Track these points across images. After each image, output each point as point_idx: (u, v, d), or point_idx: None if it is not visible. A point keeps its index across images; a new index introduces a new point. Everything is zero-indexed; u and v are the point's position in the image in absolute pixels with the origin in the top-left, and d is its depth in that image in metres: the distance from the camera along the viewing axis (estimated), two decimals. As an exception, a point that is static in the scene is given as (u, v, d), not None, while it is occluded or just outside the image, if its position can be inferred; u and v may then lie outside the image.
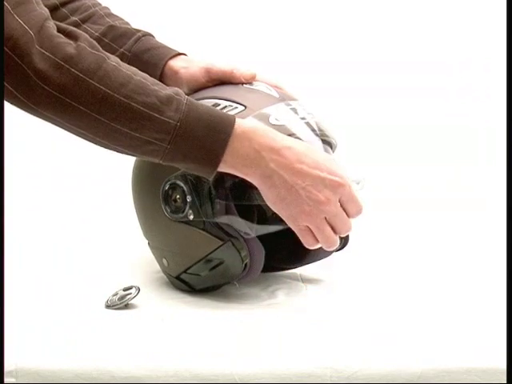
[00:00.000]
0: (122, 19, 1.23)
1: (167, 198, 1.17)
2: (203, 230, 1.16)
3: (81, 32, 1.00)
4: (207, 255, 1.17)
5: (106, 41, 1.19)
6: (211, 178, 1.06)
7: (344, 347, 1.02)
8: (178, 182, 1.16)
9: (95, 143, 1.02)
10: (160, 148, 1.01)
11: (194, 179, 1.15)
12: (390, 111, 1.92)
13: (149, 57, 1.19)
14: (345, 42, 1.93)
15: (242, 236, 1.16)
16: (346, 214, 1.06)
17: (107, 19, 1.21)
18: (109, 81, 0.98)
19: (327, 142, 1.20)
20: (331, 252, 1.26)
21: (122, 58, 1.17)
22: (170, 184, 1.17)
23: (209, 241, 1.16)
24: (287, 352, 1.01)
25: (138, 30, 1.21)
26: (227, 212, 1.17)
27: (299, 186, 1.03)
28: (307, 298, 1.22)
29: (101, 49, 1.00)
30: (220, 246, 1.16)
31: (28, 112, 0.99)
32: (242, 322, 1.11)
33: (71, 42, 0.97)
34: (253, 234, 1.16)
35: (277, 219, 1.13)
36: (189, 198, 1.15)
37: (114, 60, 1.00)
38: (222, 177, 1.12)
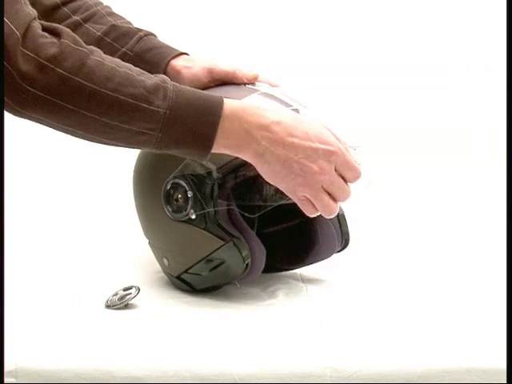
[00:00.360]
0: (123, 18, 1.23)
1: (169, 198, 1.18)
2: (204, 229, 1.16)
3: (63, 28, 0.98)
4: (208, 255, 1.17)
5: (108, 40, 1.18)
6: (205, 161, 1.06)
7: (344, 347, 1.02)
8: (180, 182, 1.16)
9: (85, 139, 1.02)
10: (152, 137, 1.00)
11: (195, 178, 1.15)
12: (390, 111, 1.92)
13: (151, 56, 1.18)
14: (345, 42, 1.93)
15: (243, 235, 1.16)
16: (344, 180, 1.06)
17: (109, 18, 1.21)
18: (94, 76, 0.97)
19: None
20: (332, 253, 1.26)
21: (124, 57, 1.16)
22: (172, 184, 1.17)
23: (210, 241, 1.16)
24: (287, 352, 1.01)
25: (140, 30, 1.21)
26: (229, 211, 1.17)
27: (292, 160, 1.03)
28: (307, 298, 1.22)
29: (84, 44, 0.99)
30: (221, 246, 1.16)
31: (15, 115, 0.98)
32: (242, 322, 1.11)
33: (55, 40, 0.96)
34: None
35: (278, 215, 1.13)
36: (190, 198, 1.15)
37: (97, 55, 0.99)
38: (224, 176, 1.13)
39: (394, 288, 1.24)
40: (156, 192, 1.19)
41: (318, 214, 1.08)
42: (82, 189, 1.75)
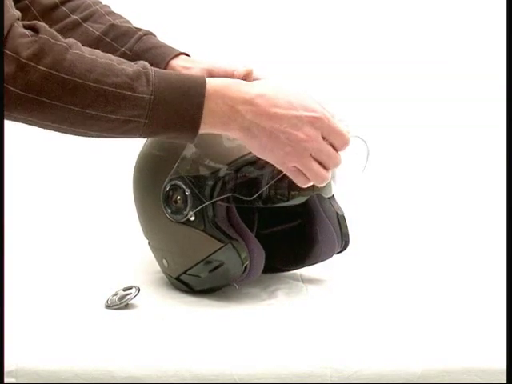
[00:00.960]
0: (122, 17, 1.22)
1: (168, 199, 1.18)
2: (203, 231, 1.16)
3: (41, 24, 0.98)
4: (207, 257, 1.17)
5: (107, 40, 1.18)
6: (193, 143, 1.05)
7: (344, 347, 1.02)
8: (179, 183, 1.16)
9: (72, 134, 1.01)
10: (138, 124, 1.00)
11: (194, 180, 1.15)
12: (389, 111, 1.91)
13: (150, 56, 1.18)
14: (345, 42, 1.93)
15: (242, 238, 1.16)
16: (333, 147, 1.05)
17: (108, 18, 1.20)
18: (75, 69, 0.96)
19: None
20: (332, 254, 1.26)
21: (123, 57, 1.15)
22: (171, 185, 1.17)
23: (209, 242, 1.16)
24: (287, 352, 1.01)
25: (140, 29, 1.21)
26: (228, 213, 1.17)
27: (278, 131, 1.03)
28: (307, 298, 1.22)
29: (62, 38, 0.98)
30: (220, 247, 1.16)
31: None
32: (242, 321, 1.11)
33: (35, 38, 0.96)
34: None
35: (277, 217, 1.13)
36: (189, 199, 1.15)
37: (76, 48, 0.98)
38: (223, 178, 1.12)
39: (393, 288, 1.24)
40: (156, 193, 1.19)
41: (311, 184, 1.06)
42: (82, 189, 1.75)
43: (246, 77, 1.17)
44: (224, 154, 1.15)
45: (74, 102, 0.97)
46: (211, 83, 1.02)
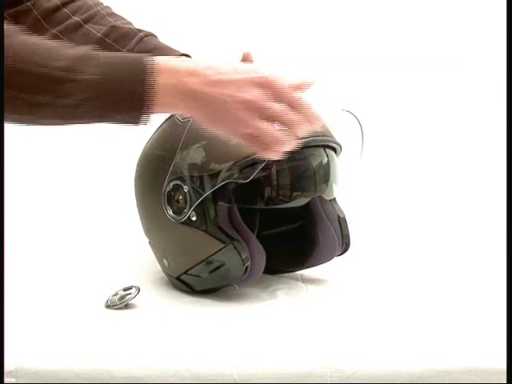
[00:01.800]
0: (124, 19, 1.22)
1: (170, 199, 1.18)
2: (205, 231, 1.16)
3: None
4: (208, 257, 1.17)
5: (109, 41, 1.18)
6: (144, 124, 1.01)
7: (344, 347, 1.02)
8: (181, 183, 1.16)
9: (20, 123, 0.99)
10: (88, 107, 0.97)
11: (196, 180, 1.15)
12: (390, 111, 1.91)
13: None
14: (346, 42, 1.93)
15: (243, 238, 1.16)
16: (291, 106, 1.01)
17: (109, 19, 1.20)
18: (20, 55, 0.94)
19: (331, 148, 1.20)
20: (332, 256, 1.26)
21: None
22: (173, 185, 1.17)
23: (210, 243, 1.16)
24: (287, 352, 1.01)
25: (141, 30, 1.21)
26: (230, 214, 1.17)
27: (225, 96, 1.00)
28: (307, 298, 1.22)
29: (5, 26, 0.96)
30: (221, 248, 1.16)
31: None
32: (242, 321, 1.11)
33: None
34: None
35: (278, 218, 1.14)
36: (191, 199, 1.15)
37: (21, 34, 0.96)
38: (224, 174, 1.13)
39: (393, 288, 1.24)
40: (157, 193, 1.19)
41: (276, 156, 1.01)
42: (82, 188, 1.76)
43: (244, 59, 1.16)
44: (224, 153, 1.15)
45: (21, 89, 0.95)
46: (157, 61, 1.00)
